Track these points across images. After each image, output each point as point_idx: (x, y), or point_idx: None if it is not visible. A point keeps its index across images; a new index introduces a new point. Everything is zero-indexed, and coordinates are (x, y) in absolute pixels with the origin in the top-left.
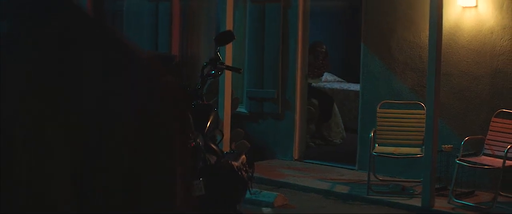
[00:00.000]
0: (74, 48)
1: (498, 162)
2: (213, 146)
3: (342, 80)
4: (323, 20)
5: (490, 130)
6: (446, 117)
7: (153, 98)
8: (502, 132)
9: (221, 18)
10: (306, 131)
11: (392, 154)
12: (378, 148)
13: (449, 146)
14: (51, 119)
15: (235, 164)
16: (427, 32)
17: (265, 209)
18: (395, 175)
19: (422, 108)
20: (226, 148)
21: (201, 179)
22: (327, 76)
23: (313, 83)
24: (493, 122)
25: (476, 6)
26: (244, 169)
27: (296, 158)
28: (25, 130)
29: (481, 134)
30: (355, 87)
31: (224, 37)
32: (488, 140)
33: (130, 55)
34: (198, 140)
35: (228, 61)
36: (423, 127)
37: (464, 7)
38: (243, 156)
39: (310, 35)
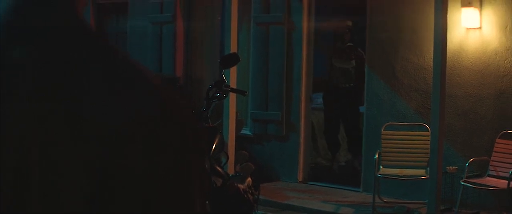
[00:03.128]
0: (86, 71)
1: (503, 183)
2: (218, 168)
3: None
4: (326, 40)
5: (495, 151)
6: (451, 138)
7: (169, 119)
8: (507, 153)
9: (225, 40)
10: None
11: (397, 175)
12: (383, 170)
13: (453, 167)
14: (64, 143)
15: (241, 186)
16: (431, 54)
17: None
18: (400, 196)
19: (427, 130)
20: (230, 170)
21: (207, 201)
22: None
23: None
24: (497, 143)
25: (480, 28)
26: (250, 191)
27: (300, 180)
28: (38, 152)
29: (486, 155)
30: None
31: (229, 60)
32: (493, 161)
33: (143, 77)
34: None
35: (233, 84)
36: (427, 149)
37: (468, 29)
38: (249, 179)
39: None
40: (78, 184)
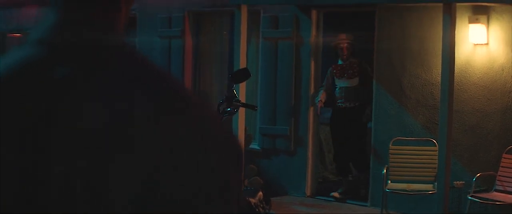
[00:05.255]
0: (134, 95)
1: (510, 198)
2: None
3: None
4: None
5: (502, 166)
6: (458, 153)
7: (212, 132)
8: None
9: (234, 55)
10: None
11: (405, 190)
12: (390, 185)
13: (460, 182)
14: (110, 152)
15: (253, 200)
16: (439, 69)
17: None
18: (408, 211)
19: (434, 145)
20: None
21: None
22: None
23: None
24: (504, 158)
25: (487, 44)
26: (261, 205)
27: (308, 194)
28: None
29: (493, 170)
30: None
31: (240, 75)
32: (500, 176)
33: (184, 94)
34: None
35: (242, 98)
36: (435, 163)
37: (475, 45)
38: (260, 193)
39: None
40: (124, 188)
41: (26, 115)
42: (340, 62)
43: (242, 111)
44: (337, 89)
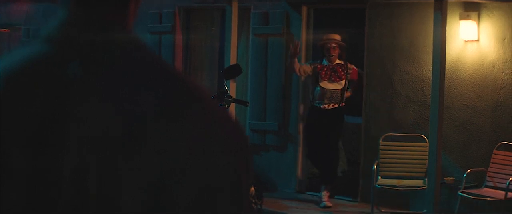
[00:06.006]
0: (142, 95)
1: (500, 194)
2: None
3: None
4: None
5: (492, 162)
6: (448, 150)
7: (224, 133)
8: (504, 164)
9: (225, 51)
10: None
11: (395, 186)
12: (381, 180)
13: (451, 178)
14: (122, 152)
15: None
16: (430, 66)
17: None
18: (398, 207)
19: (425, 141)
20: None
21: None
22: None
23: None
24: (494, 154)
25: (478, 40)
26: (253, 201)
27: (298, 190)
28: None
29: (483, 166)
30: (354, 119)
31: (232, 71)
32: (490, 172)
33: (197, 94)
34: None
35: (232, 94)
36: (425, 159)
37: (466, 41)
38: (252, 188)
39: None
40: (132, 188)
41: (34, 115)
42: (325, 62)
43: (232, 107)
44: (317, 89)
